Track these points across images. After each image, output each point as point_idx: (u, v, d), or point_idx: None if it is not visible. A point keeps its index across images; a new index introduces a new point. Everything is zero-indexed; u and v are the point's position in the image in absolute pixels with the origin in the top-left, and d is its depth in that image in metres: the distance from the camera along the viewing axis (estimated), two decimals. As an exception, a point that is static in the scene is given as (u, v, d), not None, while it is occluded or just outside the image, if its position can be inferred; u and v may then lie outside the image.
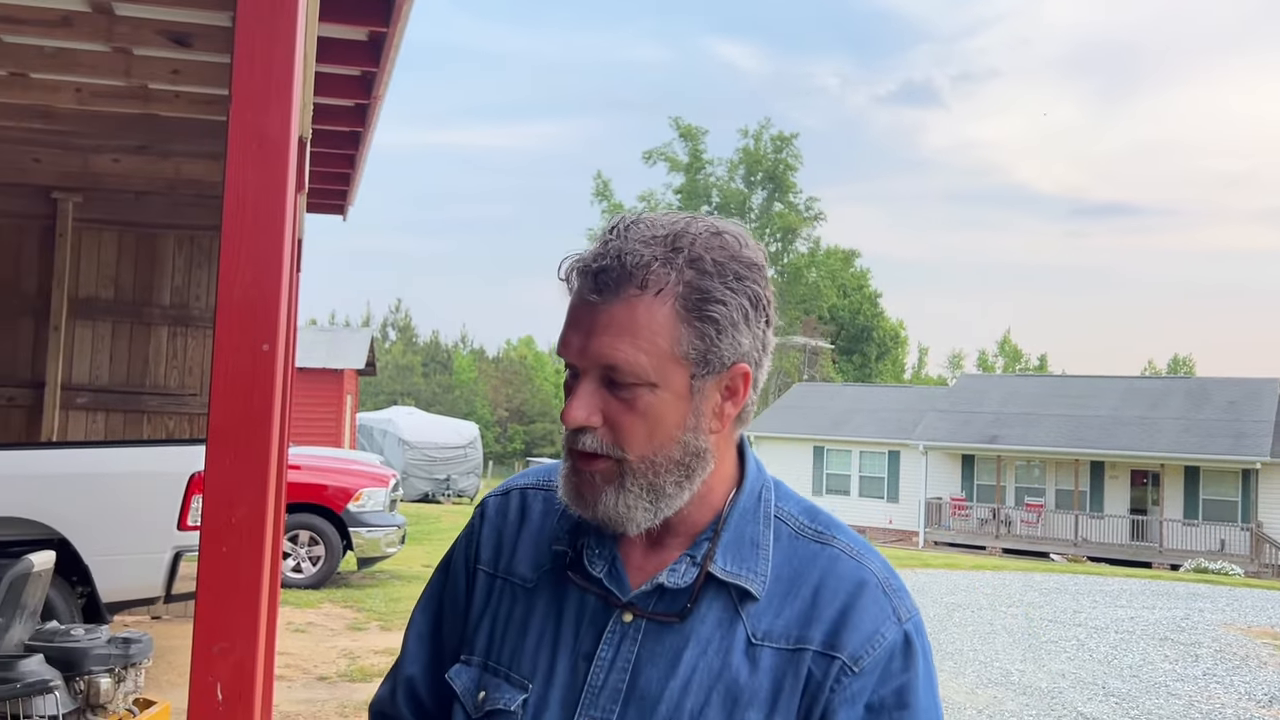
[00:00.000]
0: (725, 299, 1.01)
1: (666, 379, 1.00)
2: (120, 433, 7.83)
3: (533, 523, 1.14)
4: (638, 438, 1.01)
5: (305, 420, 20.40)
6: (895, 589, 1.07)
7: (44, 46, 5.18)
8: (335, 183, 7.91)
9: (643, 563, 1.06)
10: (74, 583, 5.64)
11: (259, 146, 1.78)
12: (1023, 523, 28.19)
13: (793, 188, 47.64)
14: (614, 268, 1.00)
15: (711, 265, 1.01)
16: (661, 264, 1.00)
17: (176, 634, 6.91)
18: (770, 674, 1.01)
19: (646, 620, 1.03)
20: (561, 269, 1.06)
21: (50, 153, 7.32)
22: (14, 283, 7.81)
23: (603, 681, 1.03)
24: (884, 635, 1.03)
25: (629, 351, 0.99)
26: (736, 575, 1.04)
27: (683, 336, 1.00)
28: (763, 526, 1.07)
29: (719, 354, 1.01)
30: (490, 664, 1.09)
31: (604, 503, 1.02)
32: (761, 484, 1.10)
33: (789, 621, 1.02)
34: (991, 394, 31.61)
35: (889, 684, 1.02)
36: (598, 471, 1.02)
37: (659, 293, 1.00)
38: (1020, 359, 66.13)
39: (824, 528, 1.10)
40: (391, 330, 64.96)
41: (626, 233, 1.02)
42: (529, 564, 1.11)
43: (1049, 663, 9.57)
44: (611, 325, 1.00)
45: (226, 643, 1.67)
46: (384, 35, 4.70)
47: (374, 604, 9.76)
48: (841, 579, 1.05)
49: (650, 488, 1.02)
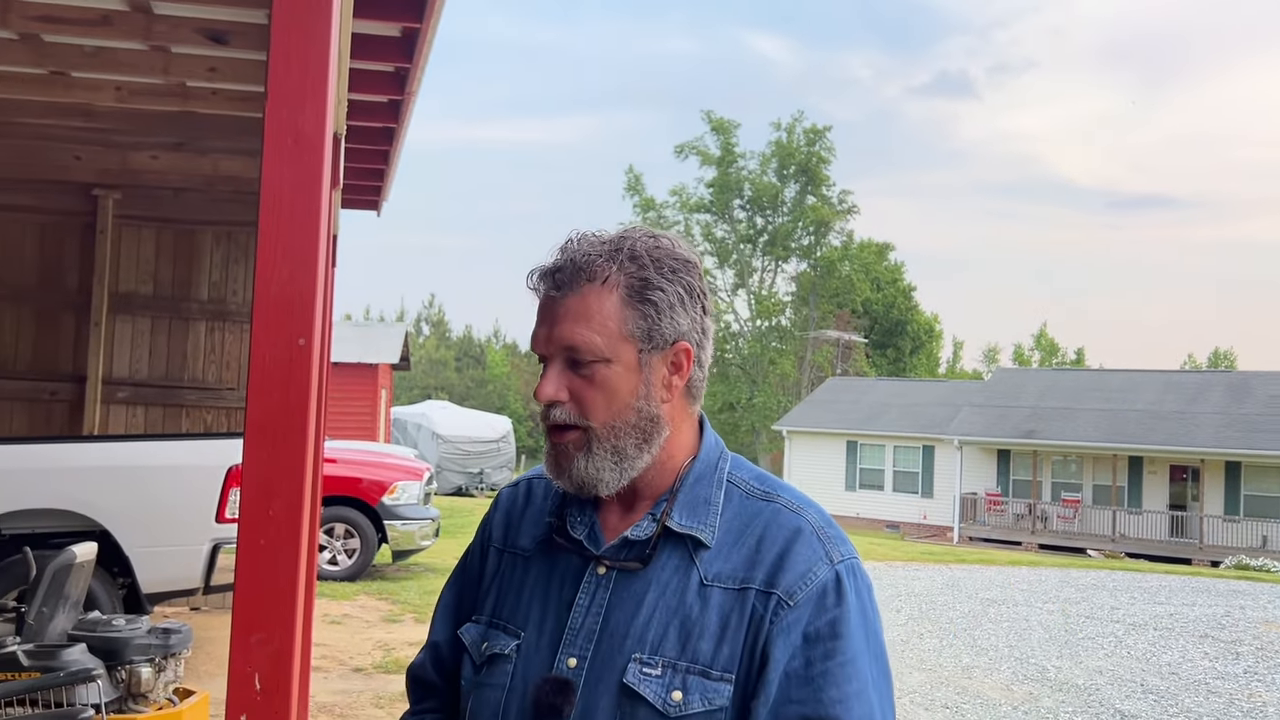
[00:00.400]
0: (663, 286, 1.21)
1: (618, 354, 1.20)
2: (159, 426, 7.94)
3: (535, 505, 1.35)
4: (598, 407, 1.20)
5: (341, 414, 20.58)
6: (829, 536, 1.22)
7: (84, 46, 5.25)
8: (369, 179, 7.97)
9: (617, 525, 1.25)
10: (115, 574, 5.73)
11: (294, 143, 1.80)
12: (1059, 518, 27.90)
13: (826, 181, 47.34)
14: (568, 266, 1.22)
15: (649, 260, 1.22)
16: (607, 260, 1.21)
17: (215, 625, 7.01)
18: (718, 610, 1.17)
19: (617, 571, 1.21)
20: (530, 278, 1.25)
21: (91, 150, 7.43)
22: (56, 279, 7.94)
23: (580, 624, 1.21)
24: (816, 574, 1.18)
25: (585, 333, 1.19)
26: (689, 527, 1.21)
27: (629, 318, 1.20)
28: (715, 489, 1.25)
29: (661, 332, 1.21)
30: (494, 620, 1.29)
31: (576, 468, 1.21)
32: (719, 455, 1.29)
33: (735, 565, 1.19)
34: (1028, 388, 31.28)
35: (823, 616, 1.17)
36: (569, 441, 1.21)
37: (605, 281, 1.20)
38: (1057, 353, 65.38)
39: (770, 489, 1.26)
40: (425, 325, 65.36)
41: (578, 242, 1.24)
42: (529, 537, 1.31)
43: (1086, 659, 9.48)
44: (569, 313, 1.20)
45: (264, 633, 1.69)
46: (417, 31, 4.72)
47: (409, 596, 9.84)
48: (781, 527, 1.21)
49: (614, 450, 1.20)
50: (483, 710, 1.26)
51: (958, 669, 8.79)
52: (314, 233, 1.80)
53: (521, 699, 1.22)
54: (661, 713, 1.16)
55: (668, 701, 1.16)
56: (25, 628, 3.97)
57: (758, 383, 45.12)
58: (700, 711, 1.16)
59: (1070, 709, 7.65)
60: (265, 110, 1.83)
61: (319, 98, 1.83)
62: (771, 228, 47.44)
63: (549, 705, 1.19)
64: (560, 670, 1.20)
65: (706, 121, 47.23)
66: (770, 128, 49.91)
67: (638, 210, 47.62)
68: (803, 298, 47.50)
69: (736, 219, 47.84)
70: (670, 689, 1.16)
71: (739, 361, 46.65)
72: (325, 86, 1.84)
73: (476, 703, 1.27)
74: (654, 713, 1.16)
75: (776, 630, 1.16)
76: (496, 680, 1.25)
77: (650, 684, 1.16)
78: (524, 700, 1.22)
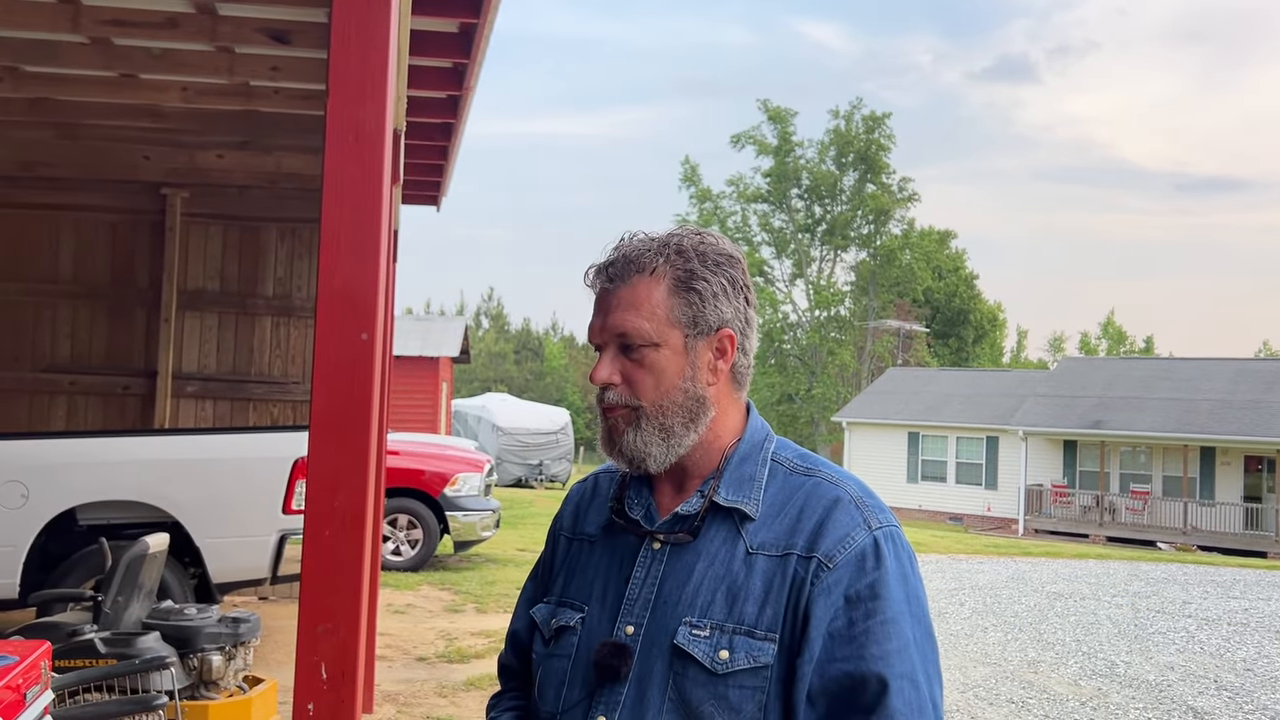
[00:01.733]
0: (707, 278, 1.32)
1: (666, 339, 1.30)
2: (227, 420, 8.11)
3: (600, 495, 1.46)
4: (648, 388, 1.31)
5: (402, 407, 20.84)
6: (868, 504, 1.30)
7: (151, 48, 5.37)
8: (428, 174, 8.05)
9: (669, 503, 1.35)
10: (186, 564, 5.87)
11: (356, 140, 1.82)
12: (1128, 510, 27.29)
13: (886, 168, 46.72)
14: (620, 261, 1.33)
15: (694, 254, 1.32)
16: (655, 254, 1.32)
17: (282, 614, 7.15)
18: (763, 575, 1.26)
19: (670, 545, 1.31)
20: (586, 276, 1.37)
21: (159, 150, 7.61)
22: (128, 276, 8.14)
23: (637, 594, 1.31)
24: (854, 538, 1.26)
25: (636, 320, 1.30)
26: (735, 501, 1.31)
27: (675, 306, 1.31)
28: (760, 466, 1.34)
29: (705, 319, 1.31)
30: (562, 599, 1.40)
31: (626, 441, 1.31)
32: (764, 437, 1.38)
33: (778, 534, 1.28)
34: (1095, 377, 30.62)
35: (863, 579, 1.24)
36: (619, 416, 1.32)
37: (654, 273, 1.31)
38: (1125, 341, 63.92)
39: (811, 465, 1.35)
40: (484, 318, 65.90)
41: (629, 240, 1.36)
42: (594, 524, 1.43)
43: (1157, 655, 9.27)
44: (622, 303, 1.31)
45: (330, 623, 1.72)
46: (474, 26, 4.75)
47: (470, 586, 9.94)
48: (820, 498, 1.30)
49: (661, 428, 1.30)
50: (550, 678, 1.36)
51: (1023, 663, 8.65)
52: (375, 228, 1.82)
53: (586, 667, 1.32)
54: (710, 670, 1.24)
55: (715, 660, 1.24)
56: (102, 616, 4.08)
57: (816, 374, 44.75)
58: (746, 669, 1.24)
59: (1140, 705, 7.49)
60: (327, 108, 1.85)
61: (379, 94, 1.85)
62: (830, 217, 46.95)
63: (608, 667, 1.29)
64: (619, 636, 1.30)
65: (763, 111, 46.89)
66: (828, 115, 49.43)
67: (694, 201, 47.47)
68: (862, 287, 46.97)
69: (794, 208, 47.43)
70: (718, 648, 1.25)
71: (797, 352, 46.32)
72: (385, 83, 1.86)
73: (545, 672, 1.37)
74: (703, 670, 1.24)
75: (817, 591, 1.24)
76: (563, 650, 1.35)
77: (699, 644, 1.25)
78: (588, 666, 1.31)
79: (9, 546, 5.57)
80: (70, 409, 8.02)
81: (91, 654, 3.73)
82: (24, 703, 2.36)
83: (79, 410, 8.02)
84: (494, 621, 8.38)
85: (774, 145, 46.75)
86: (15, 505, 5.63)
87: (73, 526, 5.76)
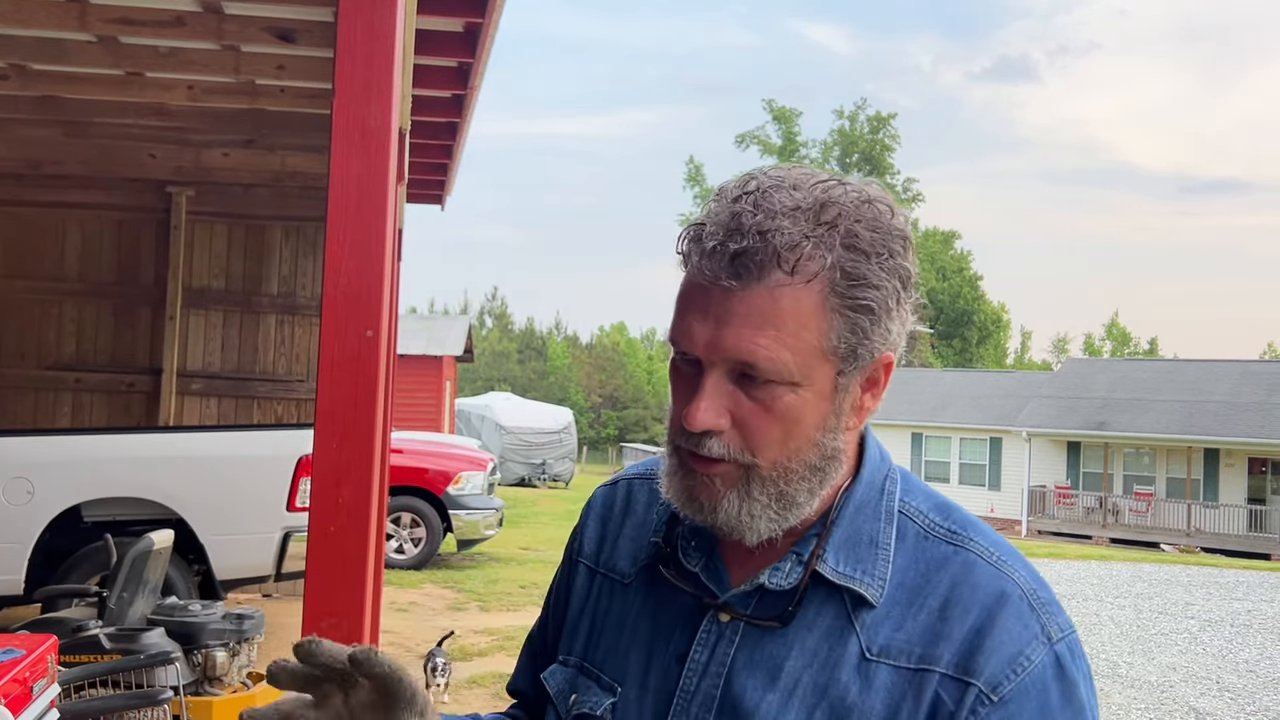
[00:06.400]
0: (880, 282, 0.87)
1: (810, 377, 0.87)
2: (232, 417, 8.13)
3: (636, 515, 1.05)
4: (772, 442, 0.88)
5: (406, 405, 20.87)
6: (1045, 602, 0.91)
7: (158, 46, 5.39)
8: (433, 173, 8.07)
9: (745, 558, 0.94)
10: (191, 561, 5.89)
11: (361, 139, 1.83)
12: (1131, 512, 27.27)
13: (890, 169, 46.76)
14: (756, 249, 0.85)
15: (868, 243, 0.87)
16: (815, 244, 0.85)
17: (286, 612, 7.16)
18: (885, 695, 0.87)
19: (745, 623, 0.92)
20: (681, 241, 0.90)
21: (165, 148, 7.62)
22: (133, 274, 8.16)
23: (695, 686, 0.92)
24: (1029, 658, 0.87)
25: (771, 347, 0.85)
26: (849, 578, 0.90)
27: (833, 329, 0.86)
28: (884, 523, 0.93)
29: (869, 346, 0.88)
30: (585, 665, 1.01)
31: (725, 510, 0.89)
32: (885, 475, 0.96)
33: (912, 636, 0.89)
34: (1099, 379, 30.60)
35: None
36: (718, 475, 0.89)
37: (810, 280, 0.85)
38: (1129, 343, 63.84)
39: (958, 527, 0.94)
40: (488, 318, 65.95)
41: (764, 202, 0.86)
42: (628, 558, 1.02)
43: (1159, 656, 9.27)
44: (752, 316, 0.85)
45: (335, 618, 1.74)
46: (480, 26, 4.76)
47: (473, 585, 9.96)
48: (977, 589, 0.90)
49: (780, 496, 0.89)
50: None
51: (1025, 664, 8.66)
52: (380, 227, 1.84)
53: None
54: None
55: None
56: (107, 612, 4.10)
57: (820, 374, 44.78)
58: None
59: (1142, 706, 7.49)
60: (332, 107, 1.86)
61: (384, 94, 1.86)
62: (834, 217, 46.99)
63: None
64: None
65: (768, 111, 46.93)
66: (833, 115, 49.41)
67: (698, 200, 47.52)
68: (866, 288, 46.96)
69: (799, 209, 47.46)
70: None
71: (801, 352, 46.35)
72: (390, 82, 1.87)
73: None
74: None
75: None
76: None
77: None
78: None
79: (15, 543, 5.60)
80: (75, 406, 8.04)
81: (97, 649, 3.75)
82: (31, 696, 2.38)
83: (84, 407, 8.04)
84: (497, 620, 8.40)
85: (779, 145, 46.78)
86: (21, 502, 5.66)
87: (78, 523, 5.78)
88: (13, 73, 5.79)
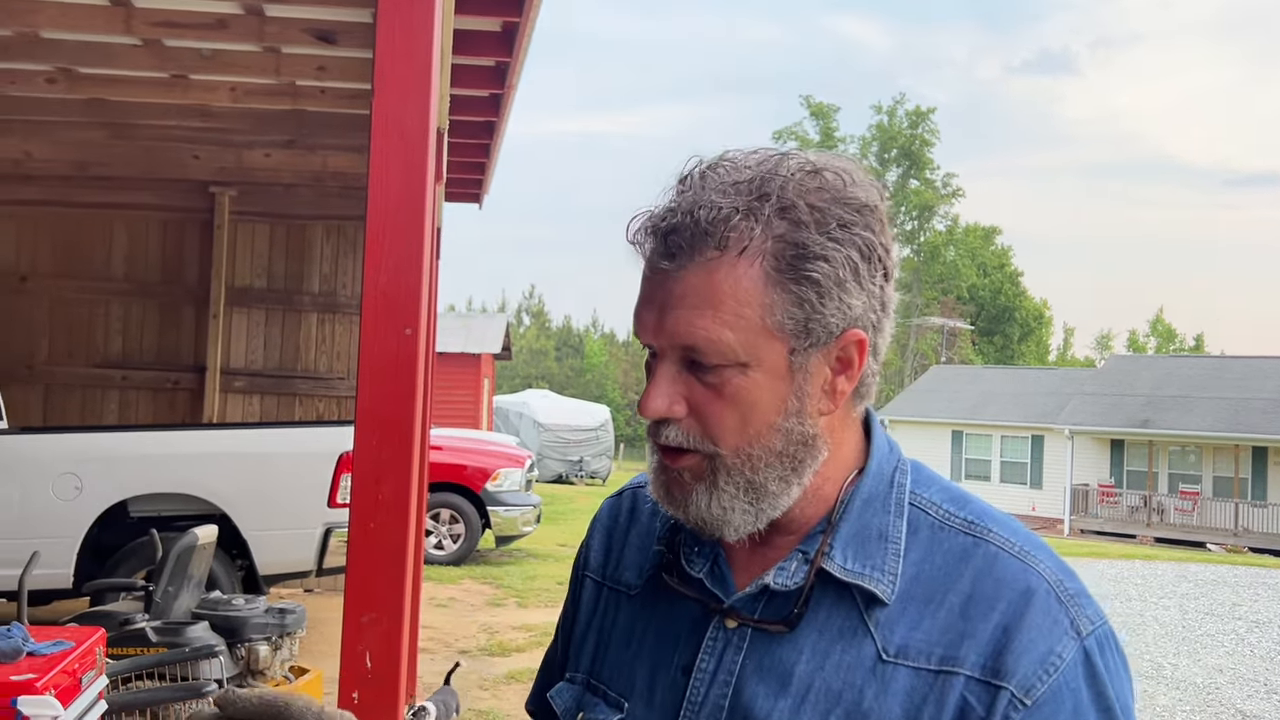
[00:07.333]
0: (828, 254, 0.83)
1: (759, 357, 0.84)
2: (274, 414, 8.24)
3: (641, 523, 1.01)
4: (729, 428, 0.85)
5: (444, 403, 21.01)
6: (1073, 594, 0.86)
7: (201, 49, 5.47)
8: (471, 172, 8.11)
9: (749, 561, 0.91)
10: (234, 555, 5.98)
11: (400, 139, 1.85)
12: (1177, 511, 26.84)
13: (929, 164, 46.38)
14: (686, 225, 0.83)
15: (808, 213, 0.83)
16: (744, 216, 0.83)
17: (327, 607, 7.24)
18: (904, 698, 0.83)
19: (752, 628, 0.88)
20: (630, 229, 0.89)
21: (208, 149, 7.74)
22: (177, 274, 8.30)
23: (703, 697, 0.89)
24: (1060, 656, 0.82)
25: (711, 328, 0.83)
26: (858, 575, 0.86)
27: (776, 304, 0.83)
28: (894, 516, 0.89)
29: (823, 322, 0.84)
30: (592, 681, 0.98)
31: (695, 503, 0.87)
32: (894, 466, 0.92)
33: (931, 635, 0.84)
34: (1143, 376, 30.14)
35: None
36: (686, 468, 0.87)
37: (743, 252, 0.83)
38: (1174, 339, 62.83)
39: (976, 517, 0.89)
40: (525, 315, 66.27)
41: (702, 181, 0.86)
42: (634, 569, 0.99)
43: (1205, 657, 9.12)
44: (688, 296, 0.84)
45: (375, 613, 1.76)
46: (517, 25, 4.78)
47: (512, 581, 10.02)
48: (1001, 583, 0.85)
49: (749, 485, 0.86)
50: None
51: (1068, 664, 8.56)
52: (419, 226, 1.85)
53: None
54: None
55: None
56: (153, 605, 4.17)
57: (859, 371, 44.50)
58: None
59: (1188, 708, 7.38)
60: (372, 107, 1.88)
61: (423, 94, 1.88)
62: (873, 213, 46.70)
63: None
64: None
65: (805, 106, 46.70)
66: (870, 111, 49.07)
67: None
68: (905, 284, 46.61)
69: (836, 205, 47.20)
70: None
71: (839, 350, 46.10)
72: (429, 83, 1.89)
73: None
74: None
75: None
76: None
77: None
78: None
79: (64, 537, 5.71)
80: (122, 403, 8.19)
81: (143, 642, 3.82)
82: (80, 687, 2.43)
83: (130, 404, 8.19)
84: (535, 616, 8.44)
85: (816, 141, 46.53)
86: (70, 497, 5.77)
87: (124, 518, 5.88)
88: (61, 76, 5.90)
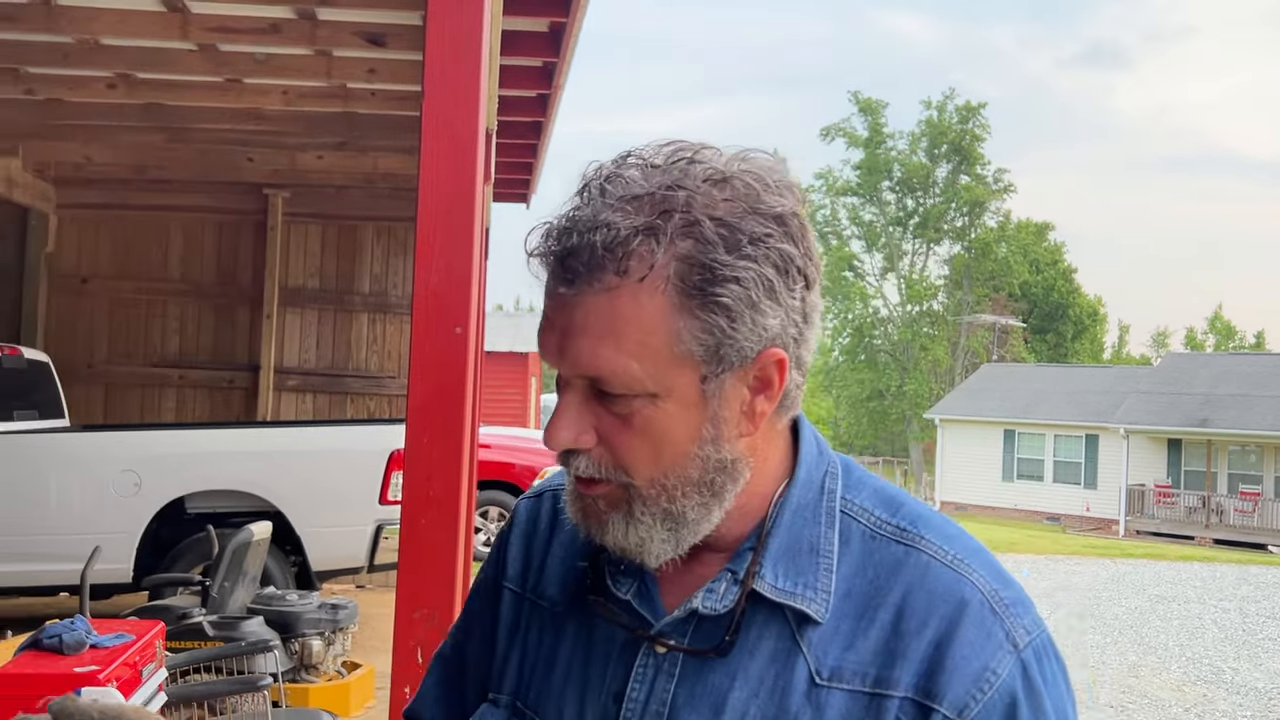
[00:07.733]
0: (738, 274, 0.76)
1: (669, 386, 0.78)
2: (326, 413, 8.36)
3: (564, 532, 0.92)
4: (642, 459, 0.80)
5: (493, 401, 21.16)
6: (1009, 603, 0.81)
7: (255, 53, 5.56)
8: (519, 172, 8.16)
9: (678, 579, 0.85)
10: (288, 552, 6.07)
11: (450, 140, 1.87)
12: (1237, 511, 26.24)
13: (980, 159, 45.76)
14: (583, 248, 0.77)
15: (714, 231, 0.76)
16: (645, 237, 0.76)
17: (379, 602, 7.33)
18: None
19: (684, 654, 0.83)
20: (528, 242, 0.82)
21: (261, 152, 7.87)
22: (232, 274, 8.45)
23: None
24: (995, 672, 0.78)
25: (614, 359, 0.77)
26: (789, 594, 0.81)
27: (683, 331, 0.77)
28: (824, 527, 0.83)
29: (736, 346, 0.78)
30: (518, 705, 0.91)
31: (612, 532, 0.82)
32: (824, 471, 0.86)
33: (864, 655, 0.80)
34: (1201, 374, 29.51)
35: None
36: (600, 496, 0.82)
37: (645, 278, 0.76)
38: (1234, 336, 61.41)
39: (908, 523, 0.84)
40: (573, 314, 66.59)
41: (601, 194, 0.79)
42: (557, 583, 0.92)
43: (1266, 661, 8.91)
44: (590, 324, 0.78)
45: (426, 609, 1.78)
46: (564, 25, 4.80)
47: (560, 579, 10.07)
48: (935, 596, 0.80)
49: (666, 515, 0.81)
50: None
51: (1123, 667, 8.41)
52: (469, 226, 1.87)
53: None
54: None
55: None
56: (210, 600, 4.25)
57: (908, 370, 44.05)
58: None
59: (1249, 714, 7.22)
60: (422, 109, 1.90)
61: (472, 95, 1.89)
62: (922, 209, 46.15)
63: None
64: None
65: (854, 102, 46.29)
66: (920, 106, 48.53)
67: (784, 196, 47.18)
68: (956, 281, 46.07)
69: (885, 201, 46.75)
70: None
71: (888, 348, 45.65)
72: (478, 84, 1.90)
73: None
74: None
75: None
76: None
77: None
78: None
79: (124, 533, 5.84)
80: (179, 401, 8.36)
81: (201, 636, 3.90)
82: (140, 679, 2.49)
83: (187, 403, 8.36)
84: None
85: (864, 137, 46.14)
86: (129, 494, 5.90)
87: (182, 514, 6.00)
88: (120, 82, 6.03)
